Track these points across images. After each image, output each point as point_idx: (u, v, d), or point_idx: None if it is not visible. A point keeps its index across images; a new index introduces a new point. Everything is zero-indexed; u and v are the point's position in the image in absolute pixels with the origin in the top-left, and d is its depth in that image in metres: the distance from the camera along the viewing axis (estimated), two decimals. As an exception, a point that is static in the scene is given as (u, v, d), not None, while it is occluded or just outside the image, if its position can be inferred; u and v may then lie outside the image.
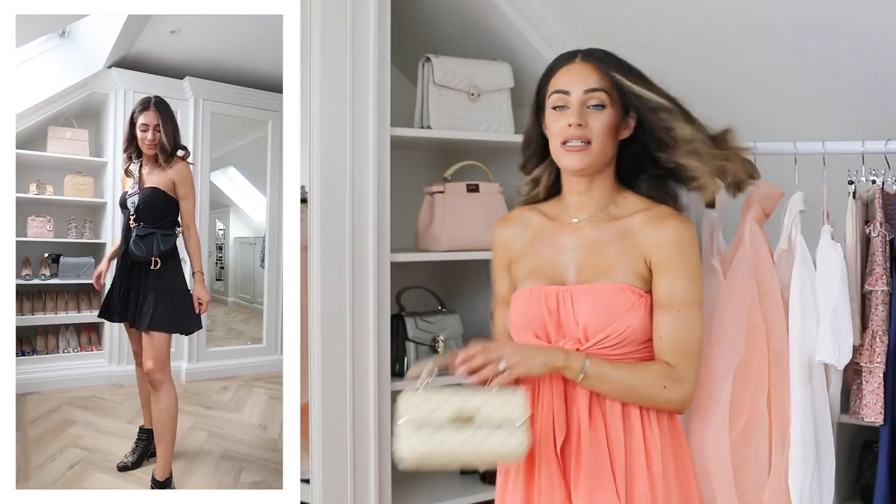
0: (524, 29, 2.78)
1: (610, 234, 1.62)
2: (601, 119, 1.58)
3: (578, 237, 1.64)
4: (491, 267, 1.77)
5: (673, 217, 1.61)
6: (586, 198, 1.64)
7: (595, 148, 1.58)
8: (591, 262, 1.60)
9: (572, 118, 1.57)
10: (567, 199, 1.67)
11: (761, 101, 2.53)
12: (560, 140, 1.58)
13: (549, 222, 1.68)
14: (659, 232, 1.59)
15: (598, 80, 1.59)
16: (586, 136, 1.57)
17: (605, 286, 1.56)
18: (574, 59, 1.62)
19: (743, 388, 1.90)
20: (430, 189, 2.83)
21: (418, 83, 2.78)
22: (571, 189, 1.66)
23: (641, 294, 1.57)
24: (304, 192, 2.56)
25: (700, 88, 2.61)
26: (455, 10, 2.88)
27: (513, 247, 1.71)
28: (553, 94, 1.61)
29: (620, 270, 1.58)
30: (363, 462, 2.50)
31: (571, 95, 1.59)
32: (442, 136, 2.75)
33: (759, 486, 1.90)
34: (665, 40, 2.56)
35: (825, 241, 1.93)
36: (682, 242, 1.58)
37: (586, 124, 1.57)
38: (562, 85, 1.60)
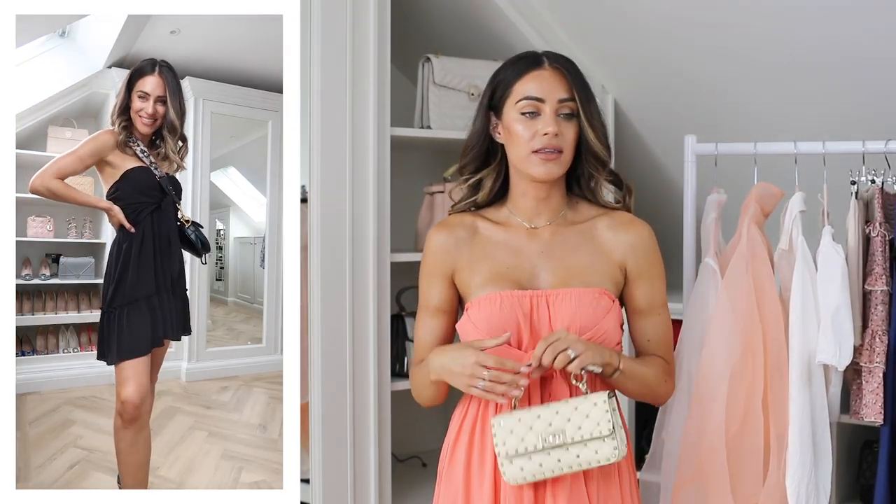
0: (524, 29, 2.78)
1: (575, 238, 1.62)
2: (572, 129, 1.57)
3: (541, 242, 1.61)
4: (420, 273, 1.68)
5: (640, 222, 1.64)
6: (544, 204, 1.63)
7: (565, 157, 1.57)
8: (563, 267, 1.59)
9: (550, 127, 1.54)
10: (520, 203, 1.64)
11: (761, 101, 2.53)
12: (532, 148, 1.55)
13: (497, 227, 1.64)
14: (631, 238, 1.61)
15: (568, 89, 1.57)
16: (560, 145, 1.55)
17: (582, 291, 1.55)
18: (541, 65, 1.59)
19: (739, 388, 1.90)
20: (430, 189, 2.83)
21: (418, 83, 2.78)
22: (528, 195, 1.62)
23: (614, 299, 1.58)
24: (304, 192, 2.56)
25: (699, 89, 2.63)
26: (455, 10, 2.88)
27: (457, 255, 1.64)
28: (523, 99, 1.57)
29: (595, 275, 1.58)
30: (363, 462, 2.50)
31: (546, 104, 1.56)
32: (442, 136, 2.75)
33: (756, 486, 1.90)
34: (665, 42, 2.57)
35: (826, 242, 1.93)
36: (653, 247, 1.63)
37: (561, 133, 1.55)
38: (534, 91, 1.56)
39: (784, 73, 2.41)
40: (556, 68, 1.58)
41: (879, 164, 2.01)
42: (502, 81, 1.61)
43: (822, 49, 2.27)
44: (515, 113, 1.58)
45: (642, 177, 2.83)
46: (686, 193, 2.18)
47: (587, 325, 1.53)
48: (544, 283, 1.59)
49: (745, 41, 2.39)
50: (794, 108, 2.49)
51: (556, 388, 1.54)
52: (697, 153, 2.17)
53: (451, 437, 1.62)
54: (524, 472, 1.46)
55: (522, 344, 1.55)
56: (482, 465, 1.55)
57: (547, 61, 1.59)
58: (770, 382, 1.91)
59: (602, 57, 2.78)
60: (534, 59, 1.60)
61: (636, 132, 2.94)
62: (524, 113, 1.57)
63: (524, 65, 1.60)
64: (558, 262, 1.59)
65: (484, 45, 2.90)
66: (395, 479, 2.62)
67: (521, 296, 1.56)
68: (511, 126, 1.58)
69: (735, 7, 2.32)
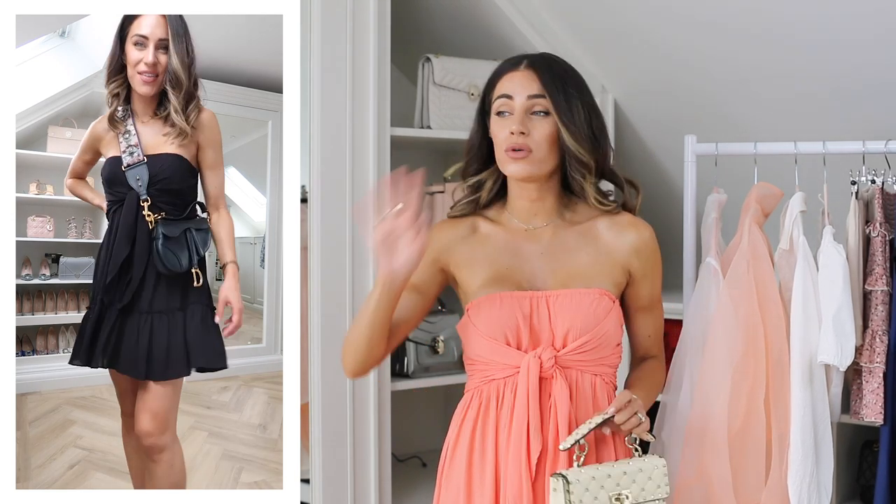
0: (524, 29, 2.78)
1: (575, 239, 1.61)
2: (545, 127, 1.55)
3: (541, 243, 1.61)
4: None
5: (642, 223, 1.64)
6: (538, 205, 1.62)
7: (537, 156, 1.55)
8: (563, 268, 1.58)
9: (514, 125, 1.54)
10: (516, 205, 1.64)
11: (761, 101, 2.53)
12: (503, 147, 1.56)
13: (497, 228, 1.64)
14: (634, 240, 1.61)
15: (539, 86, 1.56)
16: (526, 143, 1.54)
17: (583, 292, 1.55)
18: (520, 65, 1.59)
19: (741, 387, 1.90)
20: (430, 189, 2.83)
21: (418, 83, 2.78)
22: (522, 196, 1.62)
23: (614, 299, 1.58)
24: (304, 192, 2.56)
25: (699, 90, 2.63)
26: (455, 10, 2.88)
27: (455, 248, 1.63)
28: (498, 98, 1.58)
29: (597, 277, 1.58)
30: (363, 462, 2.50)
31: (515, 101, 1.56)
32: (442, 136, 2.75)
33: (758, 486, 1.90)
34: (664, 42, 2.57)
35: (827, 242, 1.93)
36: (656, 248, 1.64)
37: (528, 132, 1.54)
38: (505, 90, 1.57)
39: (784, 73, 2.41)
40: (530, 67, 1.58)
41: (879, 164, 2.01)
42: (488, 83, 1.63)
43: (823, 49, 2.27)
44: (493, 113, 1.59)
45: (642, 177, 2.79)
46: (686, 193, 2.17)
47: (588, 326, 1.53)
48: (544, 285, 1.58)
49: (746, 42, 2.39)
50: (794, 108, 2.49)
51: (546, 401, 1.54)
52: (697, 153, 2.17)
53: (452, 437, 1.62)
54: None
55: (522, 345, 1.55)
56: (483, 465, 1.55)
57: (526, 62, 1.59)
58: (772, 382, 1.91)
59: (602, 57, 2.78)
60: (515, 61, 1.61)
61: (636, 132, 2.94)
62: (499, 112, 1.58)
63: (505, 66, 1.61)
64: (558, 263, 1.59)
65: (484, 45, 2.90)
66: (395, 479, 2.62)
67: (521, 297, 1.56)
68: (490, 126, 1.60)
69: (736, 8, 2.32)
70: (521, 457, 1.51)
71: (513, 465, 1.51)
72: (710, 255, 2.01)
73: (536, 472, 1.51)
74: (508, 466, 1.51)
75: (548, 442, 1.51)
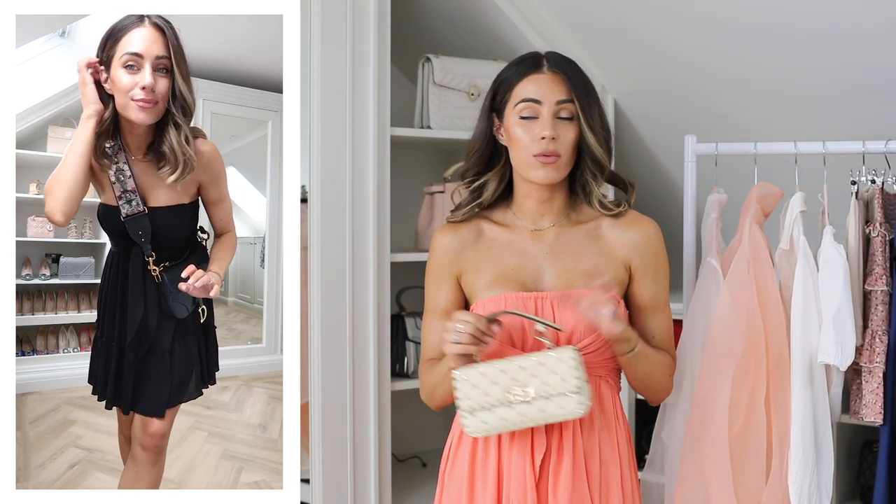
0: (524, 29, 2.78)
1: (579, 239, 1.61)
2: (571, 131, 1.55)
3: (546, 244, 1.61)
4: (427, 276, 1.67)
5: (646, 220, 1.63)
6: (547, 206, 1.62)
7: (564, 161, 1.56)
8: (567, 269, 1.58)
9: (547, 130, 1.53)
10: (523, 206, 1.63)
11: (761, 101, 2.53)
12: (531, 151, 1.54)
13: (502, 229, 1.64)
14: (636, 236, 1.61)
15: (567, 91, 1.56)
16: (557, 149, 1.54)
17: (587, 292, 1.54)
18: (541, 67, 1.58)
19: (741, 387, 1.90)
20: (430, 189, 2.83)
21: (418, 83, 2.78)
22: (532, 197, 1.62)
23: (619, 299, 1.58)
24: (304, 192, 2.56)
25: (699, 89, 2.63)
26: (455, 10, 2.88)
27: (463, 257, 1.63)
28: (521, 102, 1.56)
29: (601, 277, 1.57)
30: (363, 462, 2.50)
31: (543, 106, 1.55)
32: (442, 136, 2.76)
33: (758, 486, 1.90)
34: (664, 42, 2.57)
35: (828, 242, 1.93)
36: (659, 245, 1.63)
37: (558, 137, 1.54)
38: (532, 94, 1.56)
39: (785, 73, 2.41)
40: (555, 71, 1.57)
41: (879, 164, 2.01)
42: (503, 83, 1.61)
43: (824, 49, 2.27)
44: (515, 116, 1.57)
45: (642, 177, 2.82)
46: (686, 193, 2.17)
47: (592, 327, 1.53)
48: (549, 285, 1.58)
49: (745, 41, 2.39)
50: (794, 108, 2.49)
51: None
52: (697, 153, 2.17)
53: (454, 438, 1.62)
54: (487, 426, 1.45)
55: (526, 345, 1.55)
56: (485, 464, 1.55)
57: (547, 64, 1.58)
58: (772, 382, 1.91)
59: (602, 57, 2.78)
60: (534, 62, 1.59)
61: (636, 132, 2.94)
62: (523, 116, 1.56)
63: (525, 67, 1.59)
64: (563, 263, 1.59)
65: (484, 45, 2.90)
66: (395, 479, 2.62)
67: (525, 297, 1.56)
68: (511, 129, 1.58)
69: (736, 8, 2.32)
70: (524, 456, 1.51)
71: (516, 465, 1.51)
72: (711, 255, 2.02)
73: (540, 472, 1.51)
74: (512, 466, 1.52)
75: (551, 442, 1.52)
